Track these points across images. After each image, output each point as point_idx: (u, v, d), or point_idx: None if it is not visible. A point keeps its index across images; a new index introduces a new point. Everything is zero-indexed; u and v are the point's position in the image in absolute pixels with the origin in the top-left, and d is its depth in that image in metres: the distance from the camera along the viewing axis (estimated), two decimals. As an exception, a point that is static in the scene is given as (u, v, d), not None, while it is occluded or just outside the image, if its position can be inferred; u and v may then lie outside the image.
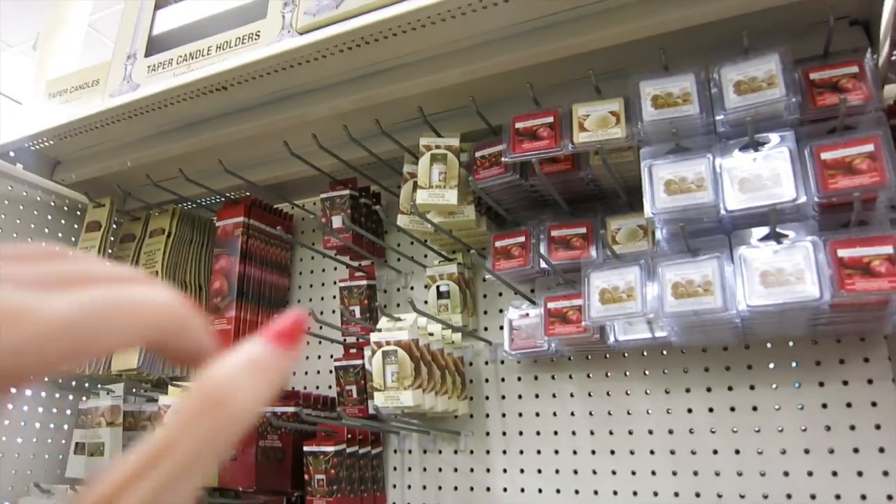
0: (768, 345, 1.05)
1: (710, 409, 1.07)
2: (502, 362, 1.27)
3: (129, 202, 1.57)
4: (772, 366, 1.04)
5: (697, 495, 1.05)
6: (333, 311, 1.48)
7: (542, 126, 1.03)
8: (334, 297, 1.47)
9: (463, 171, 1.16)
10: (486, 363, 1.28)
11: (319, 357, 1.47)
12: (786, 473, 1.00)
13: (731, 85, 0.91)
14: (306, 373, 1.48)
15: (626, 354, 1.16)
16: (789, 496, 0.99)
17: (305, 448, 1.21)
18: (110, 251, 1.50)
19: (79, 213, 1.57)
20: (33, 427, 1.43)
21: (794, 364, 1.03)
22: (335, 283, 1.48)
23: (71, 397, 1.51)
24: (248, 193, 1.50)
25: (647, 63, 0.98)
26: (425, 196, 1.13)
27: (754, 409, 1.04)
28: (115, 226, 1.53)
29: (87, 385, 1.53)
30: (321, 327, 1.30)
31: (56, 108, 1.47)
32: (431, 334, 1.19)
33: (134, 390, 1.50)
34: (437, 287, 1.29)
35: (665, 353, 1.13)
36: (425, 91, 1.13)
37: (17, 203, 1.47)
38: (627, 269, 0.96)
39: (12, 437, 1.39)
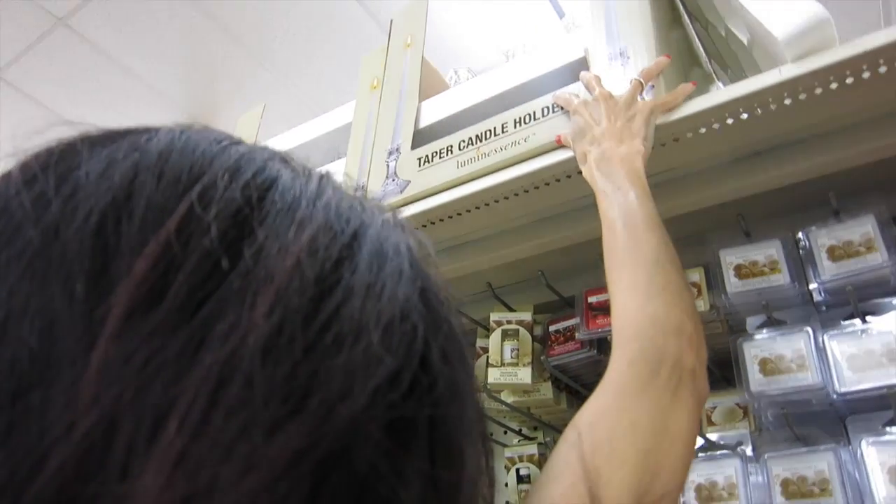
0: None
1: None
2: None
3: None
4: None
5: None
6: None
7: (616, 299, 0.97)
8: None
9: (537, 347, 1.10)
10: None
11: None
12: None
13: (823, 251, 0.83)
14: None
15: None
16: None
17: None
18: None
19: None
20: None
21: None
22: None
23: None
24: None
25: (726, 227, 0.92)
26: (497, 375, 1.07)
27: None
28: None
29: None
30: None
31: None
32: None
33: None
34: (517, 470, 1.18)
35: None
36: (496, 266, 1.10)
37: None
38: (726, 461, 0.84)
39: None
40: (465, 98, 1.07)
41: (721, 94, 0.80)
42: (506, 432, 1.26)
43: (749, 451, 0.84)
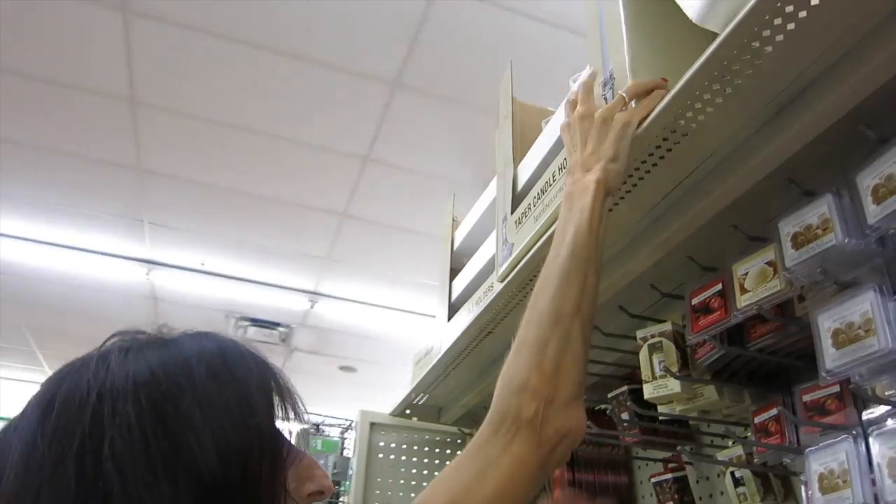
0: None
1: None
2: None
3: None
4: None
5: None
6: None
7: (712, 297, 0.95)
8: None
9: (690, 352, 1.09)
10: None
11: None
12: None
13: (868, 194, 0.72)
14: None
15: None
16: None
17: None
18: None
19: (459, 441, 1.93)
20: None
21: None
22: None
23: None
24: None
25: (784, 197, 0.85)
26: (651, 390, 1.10)
27: None
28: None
29: None
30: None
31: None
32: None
33: None
34: (732, 473, 1.16)
35: None
36: (622, 287, 1.14)
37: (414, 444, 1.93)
38: (839, 446, 0.76)
39: None
40: (537, 153, 1.17)
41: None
42: (712, 442, 1.23)
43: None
